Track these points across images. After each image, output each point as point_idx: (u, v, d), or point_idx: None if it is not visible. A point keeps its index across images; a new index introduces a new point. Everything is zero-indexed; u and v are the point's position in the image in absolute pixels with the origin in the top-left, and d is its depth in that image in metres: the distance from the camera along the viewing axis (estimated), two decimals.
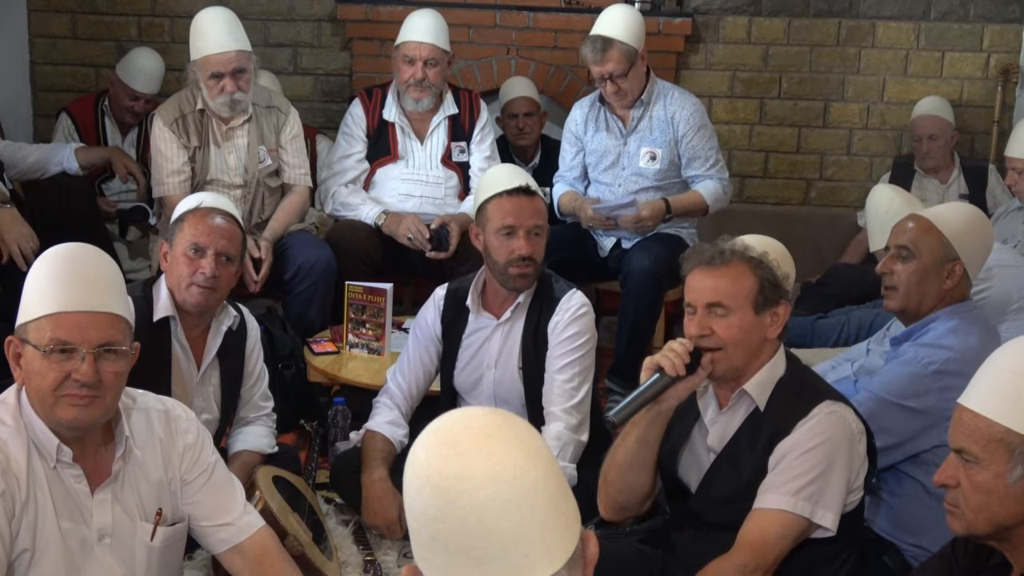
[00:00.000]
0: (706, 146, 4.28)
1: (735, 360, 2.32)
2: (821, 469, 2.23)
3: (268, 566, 2.32)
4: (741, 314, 2.30)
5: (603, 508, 2.53)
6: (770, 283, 2.32)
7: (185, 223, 2.93)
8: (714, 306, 2.31)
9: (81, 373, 2.02)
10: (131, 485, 2.19)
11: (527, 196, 3.05)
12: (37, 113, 5.44)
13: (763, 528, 2.23)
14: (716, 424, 2.41)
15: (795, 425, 2.27)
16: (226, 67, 3.98)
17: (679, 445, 2.47)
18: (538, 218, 3.06)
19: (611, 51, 4.11)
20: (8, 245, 3.62)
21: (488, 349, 3.18)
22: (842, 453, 2.25)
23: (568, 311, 3.08)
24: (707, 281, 2.32)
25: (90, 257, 2.13)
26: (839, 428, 2.26)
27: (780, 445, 2.28)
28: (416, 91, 4.32)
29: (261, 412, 3.19)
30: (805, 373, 2.43)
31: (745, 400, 2.36)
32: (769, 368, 2.35)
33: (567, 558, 1.22)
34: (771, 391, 2.34)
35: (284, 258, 4.09)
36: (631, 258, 4.17)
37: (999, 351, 1.80)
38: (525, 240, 3.02)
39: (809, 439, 2.25)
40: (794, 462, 2.24)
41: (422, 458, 1.22)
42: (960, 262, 2.70)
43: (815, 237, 5.21)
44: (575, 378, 3.06)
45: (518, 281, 3.08)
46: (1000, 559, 1.81)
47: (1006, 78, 5.25)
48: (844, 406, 2.30)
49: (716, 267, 2.32)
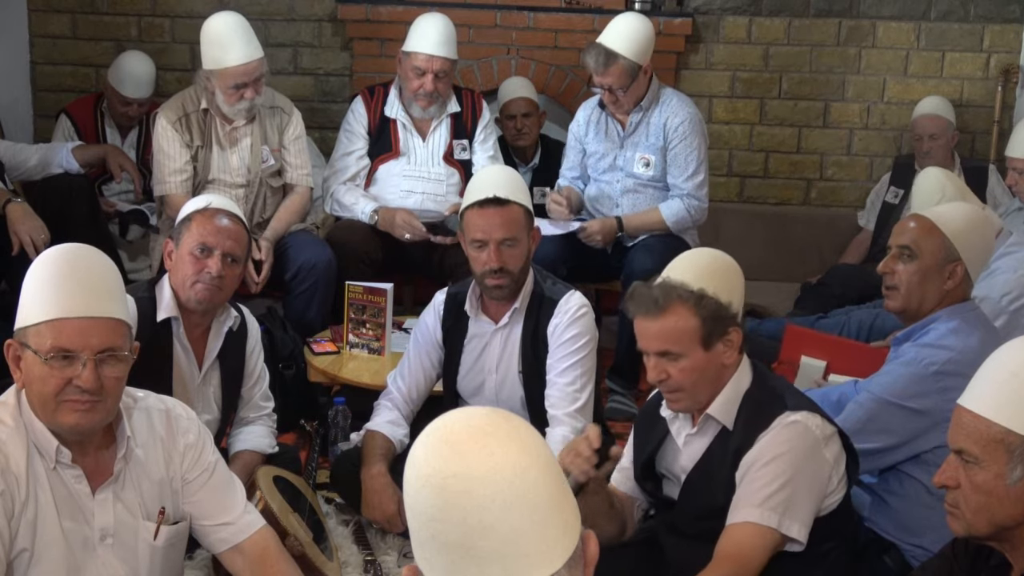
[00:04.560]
0: (688, 157, 4.21)
1: (698, 396, 2.35)
2: (784, 479, 2.23)
3: (268, 566, 2.32)
4: (692, 356, 2.30)
5: None
6: (713, 318, 2.30)
7: (193, 223, 2.93)
8: (664, 353, 2.31)
9: (82, 380, 2.02)
10: (133, 484, 2.19)
11: (498, 206, 2.99)
12: (37, 113, 5.44)
13: (737, 542, 2.25)
14: (689, 445, 2.43)
15: (756, 438, 2.28)
16: (249, 76, 4.01)
17: (658, 459, 2.50)
18: (508, 230, 2.99)
19: (613, 66, 4.09)
20: (20, 237, 3.74)
21: (488, 354, 3.18)
22: (806, 463, 2.25)
23: (567, 313, 3.07)
24: (651, 329, 2.31)
25: (89, 260, 2.13)
26: (800, 438, 2.26)
27: (744, 459, 2.29)
28: (425, 101, 4.34)
29: (262, 412, 3.19)
30: (770, 381, 2.42)
31: (713, 421, 2.38)
32: (732, 386, 2.36)
33: (567, 558, 1.21)
34: (738, 406, 2.35)
35: (284, 258, 4.09)
36: (633, 258, 4.16)
37: (998, 352, 1.80)
38: (495, 253, 2.99)
39: (769, 451, 2.26)
40: (756, 474, 2.26)
41: (422, 457, 1.22)
42: (962, 263, 2.70)
43: (815, 237, 5.22)
44: (577, 380, 3.05)
45: (494, 292, 3.06)
46: (1000, 559, 1.81)
47: (1006, 78, 5.25)
48: (807, 414, 2.29)
49: (655, 315, 2.30)
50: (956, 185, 3.48)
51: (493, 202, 3.00)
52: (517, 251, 3.03)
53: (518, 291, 3.10)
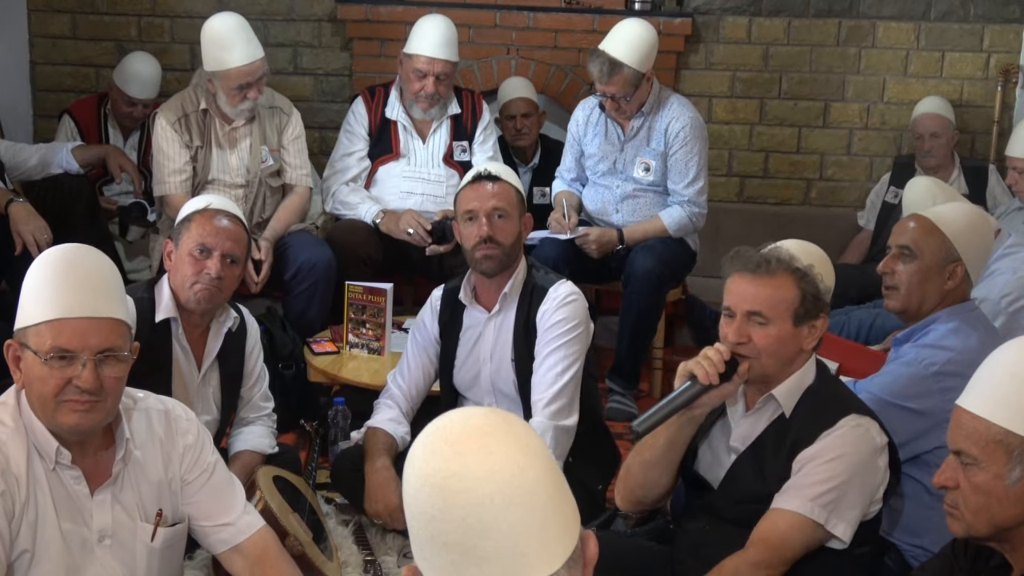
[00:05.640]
0: (689, 163, 4.21)
1: (768, 368, 2.33)
2: (841, 480, 2.23)
3: (268, 566, 2.32)
4: (780, 325, 2.29)
5: (620, 498, 2.55)
6: (812, 296, 2.31)
7: (193, 223, 2.93)
8: (754, 315, 2.30)
9: (82, 380, 2.02)
10: (131, 486, 2.19)
11: (489, 181, 3.07)
12: (37, 113, 5.44)
13: (778, 527, 2.24)
14: (741, 424, 2.41)
15: (820, 435, 2.28)
16: (253, 77, 4.02)
17: (700, 439, 2.47)
18: (498, 200, 3.05)
19: (617, 76, 4.08)
20: (24, 237, 3.78)
21: (483, 343, 3.18)
22: (864, 468, 2.26)
23: (555, 300, 3.07)
24: (750, 289, 2.30)
25: (89, 260, 2.13)
26: (863, 442, 2.26)
27: (803, 453, 2.28)
28: (426, 103, 4.35)
29: (261, 412, 3.19)
30: (834, 384, 2.43)
31: (772, 404, 2.37)
32: (799, 376, 2.35)
33: (566, 557, 1.22)
34: (798, 399, 2.34)
35: (284, 258, 4.09)
36: (634, 259, 4.16)
37: (997, 352, 1.80)
38: (486, 222, 3.03)
39: (832, 449, 2.25)
40: (815, 469, 2.25)
41: (421, 457, 1.23)
42: (961, 263, 2.70)
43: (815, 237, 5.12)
44: (559, 363, 3.03)
45: (484, 263, 3.07)
46: (1000, 560, 1.81)
47: (1006, 78, 5.25)
48: (870, 420, 2.30)
49: (760, 275, 2.30)
50: (947, 193, 3.47)
51: (486, 177, 3.07)
52: (508, 225, 3.05)
53: (508, 267, 3.11)
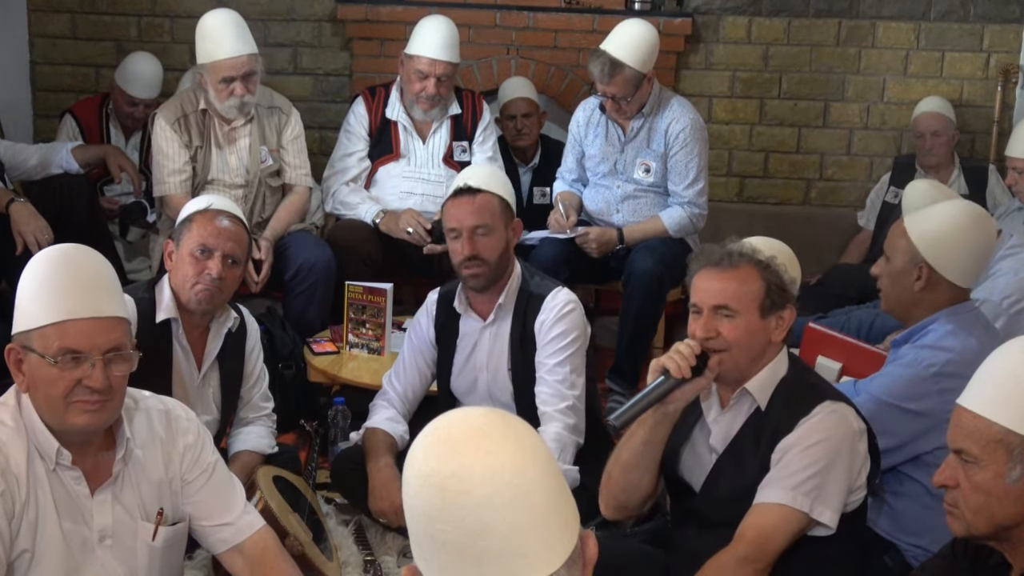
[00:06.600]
0: (689, 164, 4.21)
1: (739, 361, 2.33)
2: (821, 465, 2.24)
3: (268, 566, 2.32)
4: (747, 317, 2.30)
5: (604, 506, 2.54)
6: (777, 287, 2.33)
7: (194, 223, 2.93)
8: (720, 308, 2.31)
9: (93, 380, 2.03)
10: (132, 485, 2.19)
11: (470, 195, 3.03)
12: (37, 113, 5.44)
13: (763, 521, 2.25)
14: (718, 424, 2.42)
15: (797, 423, 2.28)
16: (238, 71, 4.00)
17: (680, 443, 2.47)
18: (480, 218, 3.02)
19: (617, 76, 4.08)
20: (25, 237, 3.80)
21: (479, 352, 3.18)
22: (843, 451, 2.26)
23: (553, 310, 3.06)
24: (715, 283, 2.32)
25: (86, 259, 2.13)
26: (841, 427, 2.27)
27: (782, 442, 2.29)
28: (427, 104, 4.35)
29: (261, 412, 3.19)
30: (807, 374, 2.45)
31: (747, 399, 2.37)
32: (771, 368, 2.36)
33: (565, 557, 1.22)
34: (773, 391, 2.35)
35: (284, 258, 4.09)
36: (634, 259, 4.16)
37: (997, 352, 1.80)
38: (468, 241, 3.01)
39: (810, 436, 2.26)
40: (795, 458, 2.26)
41: (420, 457, 1.23)
42: (926, 265, 2.69)
43: (815, 237, 5.21)
44: (567, 377, 3.04)
45: (471, 281, 3.08)
46: (1000, 559, 1.81)
47: (1006, 78, 5.25)
48: (845, 406, 2.31)
49: (724, 269, 2.32)
50: (947, 197, 3.46)
51: (465, 191, 3.04)
52: (491, 240, 3.03)
53: (497, 282, 3.10)
